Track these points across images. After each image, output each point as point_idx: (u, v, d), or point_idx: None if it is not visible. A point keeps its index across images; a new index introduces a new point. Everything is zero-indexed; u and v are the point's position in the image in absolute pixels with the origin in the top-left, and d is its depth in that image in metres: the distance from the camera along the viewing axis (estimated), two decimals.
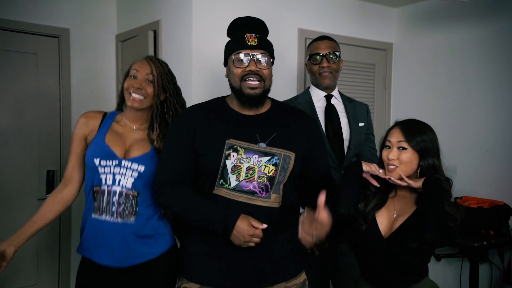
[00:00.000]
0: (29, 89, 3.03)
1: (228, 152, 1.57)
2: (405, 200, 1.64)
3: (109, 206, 1.71)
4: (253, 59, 1.57)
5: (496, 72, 3.01)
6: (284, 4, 3.01)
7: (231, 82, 1.64)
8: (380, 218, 1.63)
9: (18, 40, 2.98)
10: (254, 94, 1.58)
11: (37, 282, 3.08)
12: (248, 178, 1.56)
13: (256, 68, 1.57)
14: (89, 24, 3.24)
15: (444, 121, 3.28)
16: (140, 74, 1.76)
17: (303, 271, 1.72)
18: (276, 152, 1.58)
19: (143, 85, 1.75)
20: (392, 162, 1.59)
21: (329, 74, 2.20)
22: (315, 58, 2.21)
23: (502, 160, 2.99)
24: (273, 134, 1.60)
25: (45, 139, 3.08)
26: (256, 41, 1.58)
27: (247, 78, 1.57)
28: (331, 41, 2.25)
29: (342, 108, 2.27)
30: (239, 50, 1.58)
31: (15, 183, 2.99)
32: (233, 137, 1.58)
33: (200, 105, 1.73)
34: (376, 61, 3.55)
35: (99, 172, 1.70)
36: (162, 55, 2.87)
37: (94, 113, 1.81)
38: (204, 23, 2.66)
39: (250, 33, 1.59)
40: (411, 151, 1.58)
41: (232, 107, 1.67)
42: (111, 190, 1.70)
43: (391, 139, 1.62)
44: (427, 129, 1.63)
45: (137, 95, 1.74)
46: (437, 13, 3.34)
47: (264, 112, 1.67)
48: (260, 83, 1.58)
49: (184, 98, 1.92)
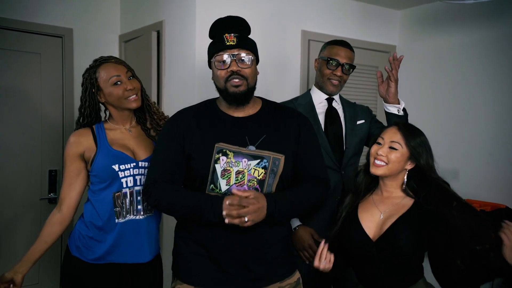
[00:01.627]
0: (32, 89, 3.04)
1: (218, 156, 1.56)
2: (391, 201, 1.64)
3: (133, 206, 1.77)
4: (234, 59, 1.57)
5: (499, 75, 3.01)
6: (288, 6, 3.01)
7: (216, 84, 1.64)
8: (365, 221, 1.63)
9: (22, 39, 2.98)
10: (238, 91, 1.58)
11: (38, 281, 3.08)
12: (238, 182, 1.55)
13: (237, 68, 1.57)
14: (92, 24, 3.25)
15: (447, 124, 3.27)
16: (122, 76, 1.78)
17: (296, 270, 1.73)
18: (265, 155, 1.58)
19: (132, 84, 1.79)
20: (380, 158, 1.61)
21: (338, 83, 2.17)
22: (331, 63, 2.15)
23: (504, 163, 2.98)
24: (263, 136, 1.60)
25: (48, 138, 3.08)
26: (235, 40, 1.57)
27: (231, 78, 1.57)
28: (351, 52, 2.22)
29: (340, 111, 2.26)
30: (219, 52, 1.59)
31: (18, 183, 3.00)
32: (222, 141, 1.58)
33: (190, 108, 1.73)
34: (379, 64, 3.55)
35: (120, 177, 1.74)
36: (165, 56, 2.87)
37: (83, 130, 1.81)
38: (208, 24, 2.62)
39: (229, 33, 1.59)
40: (401, 152, 1.60)
41: (221, 109, 1.67)
42: (133, 191, 1.77)
43: (384, 136, 1.64)
44: (421, 134, 1.65)
45: (134, 95, 1.78)
46: (441, 15, 3.34)
47: (254, 113, 1.66)
48: (243, 81, 1.57)
49: (187, 98, 1.95)
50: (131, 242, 1.77)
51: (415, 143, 1.60)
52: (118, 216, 1.76)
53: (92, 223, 1.77)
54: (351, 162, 2.19)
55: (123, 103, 1.78)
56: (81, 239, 1.78)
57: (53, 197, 3.08)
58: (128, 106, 1.79)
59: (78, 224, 1.83)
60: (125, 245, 1.77)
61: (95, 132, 1.79)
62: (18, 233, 3.00)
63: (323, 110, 2.22)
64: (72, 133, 1.83)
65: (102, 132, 1.80)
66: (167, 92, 2.87)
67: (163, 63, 2.89)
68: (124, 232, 1.76)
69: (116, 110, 1.82)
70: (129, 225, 1.77)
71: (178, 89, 2.78)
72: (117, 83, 1.76)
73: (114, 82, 1.76)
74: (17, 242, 2.99)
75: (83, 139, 1.77)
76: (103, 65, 1.79)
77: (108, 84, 1.76)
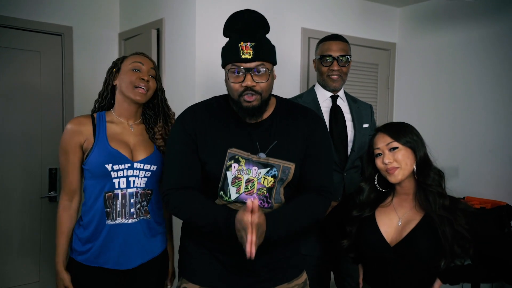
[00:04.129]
0: (32, 87, 3.03)
1: (230, 163, 1.51)
2: (408, 204, 1.62)
3: (125, 209, 1.71)
4: (249, 73, 1.46)
5: (499, 72, 3.01)
6: (288, 3, 3.01)
7: (229, 92, 1.55)
8: (383, 226, 1.60)
9: (21, 38, 2.98)
10: (251, 106, 1.49)
11: (39, 279, 3.08)
12: (248, 191, 1.51)
13: (252, 83, 1.46)
14: (92, 22, 3.25)
15: (447, 121, 3.27)
16: (145, 67, 1.77)
17: (304, 270, 1.71)
18: (275, 164, 1.52)
19: (148, 78, 1.76)
20: (390, 165, 1.56)
21: (338, 78, 2.14)
22: (325, 60, 2.14)
23: (504, 160, 2.98)
24: (274, 142, 1.54)
25: (47, 136, 3.08)
26: (251, 53, 1.44)
27: (244, 94, 1.48)
28: (343, 43, 2.18)
29: (347, 108, 2.23)
30: (233, 64, 1.47)
31: (18, 181, 3.00)
32: (235, 146, 1.52)
33: (201, 105, 1.65)
34: (379, 61, 3.55)
35: (112, 177, 1.68)
36: (165, 54, 2.87)
37: (83, 118, 1.75)
38: (208, 22, 2.66)
39: (245, 41, 1.45)
40: (403, 148, 1.57)
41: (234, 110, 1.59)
42: (126, 193, 1.70)
43: (379, 145, 1.60)
44: (408, 126, 1.63)
45: (143, 87, 1.74)
46: (441, 13, 3.33)
47: (267, 117, 1.59)
48: (257, 97, 1.48)
49: (188, 96, 1.92)
50: (118, 248, 1.70)
51: (405, 138, 1.57)
52: (108, 217, 1.69)
53: (81, 220, 1.74)
54: (355, 165, 2.18)
55: (129, 91, 1.73)
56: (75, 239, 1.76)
57: (53, 195, 3.08)
58: (132, 96, 1.73)
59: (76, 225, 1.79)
60: (113, 251, 1.70)
61: (96, 123, 1.73)
62: (19, 232, 3.00)
63: (328, 108, 2.20)
64: (71, 120, 1.75)
65: (102, 124, 1.74)
66: (167, 90, 2.83)
67: (163, 61, 2.89)
68: (113, 237, 1.70)
69: (123, 100, 1.77)
70: (119, 229, 1.70)
71: (178, 87, 2.78)
72: (135, 70, 1.75)
73: (133, 68, 1.75)
74: (17, 240, 2.99)
75: (84, 129, 1.71)
76: (135, 55, 1.81)
77: (128, 68, 1.75)
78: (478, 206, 2.81)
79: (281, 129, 1.58)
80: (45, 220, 3.07)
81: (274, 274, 1.59)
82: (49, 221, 3.07)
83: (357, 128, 2.19)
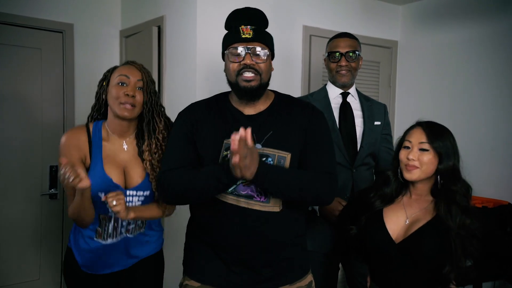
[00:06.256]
0: (32, 84, 3.03)
1: (225, 153, 1.52)
2: (420, 205, 1.60)
3: (117, 231, 1.71)
4: (249, 53, 1.50)
5: (501, 70, 2.99)
6: (289, 1, 2.99)
7: (227, 76, 1.58)
8: (390, 223, 1.59)
9: (22, 35, 2.97)
10: (249, 86, 1.51)
11: (39, 277, 3.08)
12: (245, 182, 1.50)
13: (251, 62, 1.51)
14: (93, 19, 3.24)
15: (448, 119, 3.22)
16: (132, 79, 1.67)
17: (309, 272, 1.68)
18: (270, 153, 1.52)
19: (134, 93, 1.66)
20: (412, 163, 1.55)
21: (347, 72, 2.17)
22: (333, 56, 2.18)
23: (506, 159, 2.97)
24: (269, 133, 1.54)
25: (48, 134, 3.07)
26: (251, 33, 1.51)
27: (243, 72, 1.51)
28: (351, 39, 2.22)
29: (358, 106, 2.24)
30: (233, 44, 1.52)
31: (18, 178, 2.99)
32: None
33: (202, 102, 1.69)
34: (381, 59, 3.54)
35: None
36: (166, 51, 2.86)
37: (79, 132, 1.69)
38: (209, 19, 2.65)
39: (246, 25, 1.52)
40: (432, 153, 1.55)
41: (233, 104, 1.62)
42: (119, 217, 1.64)
43: (411, 139, 1.59)
44: (448, 133, 1.61)
45: (129, 103, 1.65)
46: (442, 10, 3.32)
47: (265, 109, 1.60)
48: (256, 76, 1.51)
49: (189, 94, 1.89)
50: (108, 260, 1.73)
51: (438, 142, 1.55)
52: (98, 236, 1.70)
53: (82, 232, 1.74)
54: (365, 162, 2.18)
55: (116, 107, 1.65)
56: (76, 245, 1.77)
57: (54, 192, 3.08)
58: (119, 112, 1.65)
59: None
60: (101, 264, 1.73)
61: (91, 139, 1.69)
62: (19, 229, 3.00)
63: (338, 105, 2.22)
64: (68, 134, 1.69)
65: (98, 142, 1.69)
66: (168, 87, 2.86)
67: (164, 58, 2.88)
68: (102, 255, 1.72)
69: (113, 116, 1.70)
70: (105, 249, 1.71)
71: (179, 84, 2.77)
72: (121, 84, 1.66)
73: (119, 81, 1.66)
74: (18, 238, 2.99)
75: (81, 143, 1.67)
76: (123, 65, 1.73)
77: (114, 82, 1.67)
78: (480, 205, 2.80)
79: (278, 119, 1.58)
80: (46, 217, 3.07)
81: (276, 274, 1.58)
82: (49, 218, 3.07)
83: (367, 125, 2.19)
